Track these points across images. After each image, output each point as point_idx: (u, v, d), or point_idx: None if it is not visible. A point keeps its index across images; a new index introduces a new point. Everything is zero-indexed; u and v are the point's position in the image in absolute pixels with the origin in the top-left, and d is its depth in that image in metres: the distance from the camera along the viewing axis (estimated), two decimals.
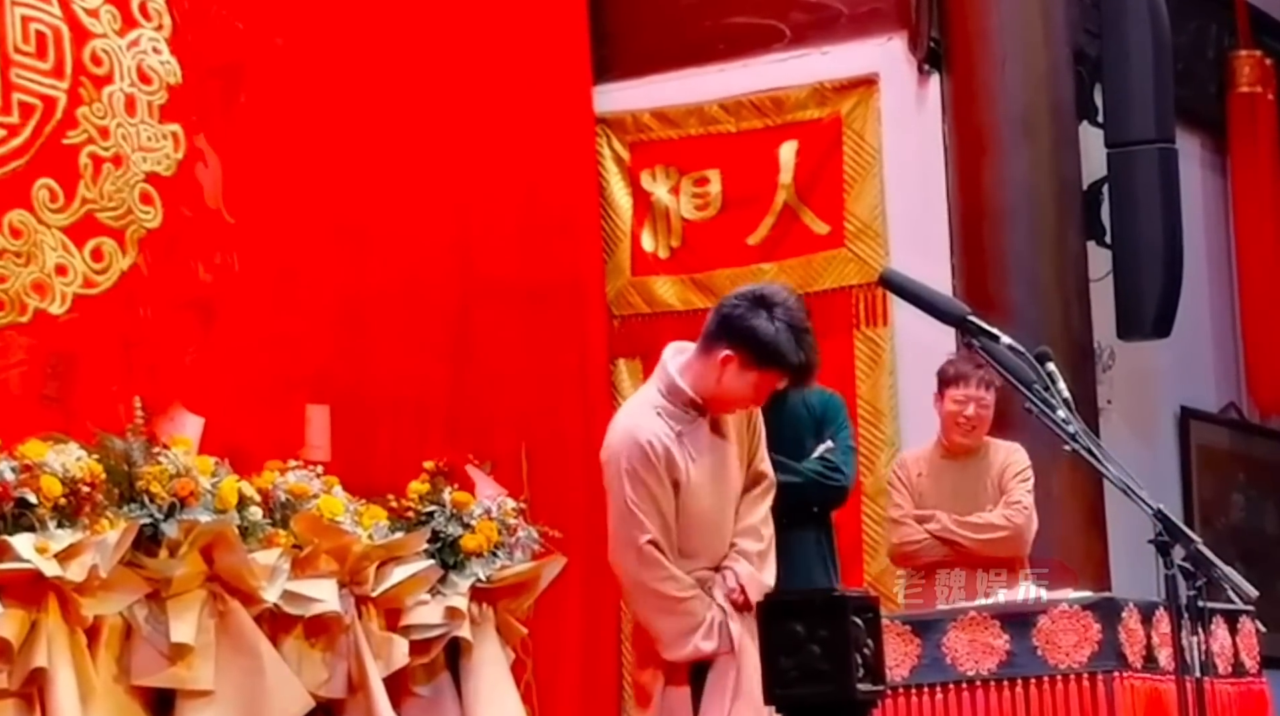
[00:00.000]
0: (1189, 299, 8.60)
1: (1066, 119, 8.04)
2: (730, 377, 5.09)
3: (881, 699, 3.04)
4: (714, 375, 5.12)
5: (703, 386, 5.14)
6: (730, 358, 5.09)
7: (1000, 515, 6.83)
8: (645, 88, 8.45)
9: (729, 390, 5.13)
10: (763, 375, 5.08)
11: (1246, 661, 5.34)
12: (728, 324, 5.13)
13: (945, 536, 6.84)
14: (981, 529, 6.83)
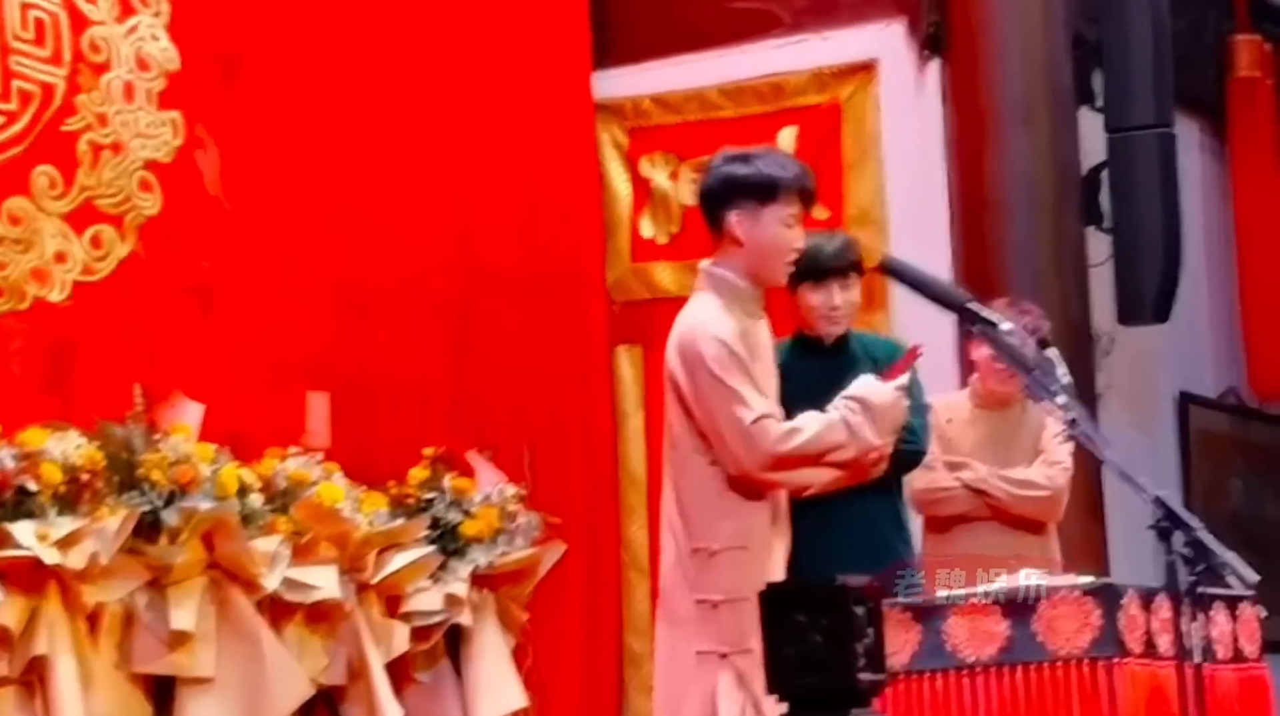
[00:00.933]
0: (1188, 284, 8.59)
1: (1066, 104, 8.04)
2: (749, 231, 5.04)
3: (883, 687, 3.05)
4: (734, 239, 5.07)
5: (739, 262, 5.07)
6: (738, 216, 5.06)
7: (1042, 473, 6.57)
8: (644, 73, 8.44)
9: (759, 246, 5.05)
10: (774, 208, 5.05)
11: (1247, 647, 5.34)
12: (715, 192, 5.12)
13: (980, 487, 6.55)
14: (1021, 485, 6.56)
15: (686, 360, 5.02)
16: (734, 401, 4.96)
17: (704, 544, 4.99)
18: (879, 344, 6.00)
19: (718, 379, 4.98)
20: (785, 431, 4.99)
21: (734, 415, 4.95)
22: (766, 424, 4.97)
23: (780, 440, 4.97)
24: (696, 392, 5.01)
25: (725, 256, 5.15)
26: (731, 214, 5.08)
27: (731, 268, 5.13)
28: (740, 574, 4.93)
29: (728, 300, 5.11)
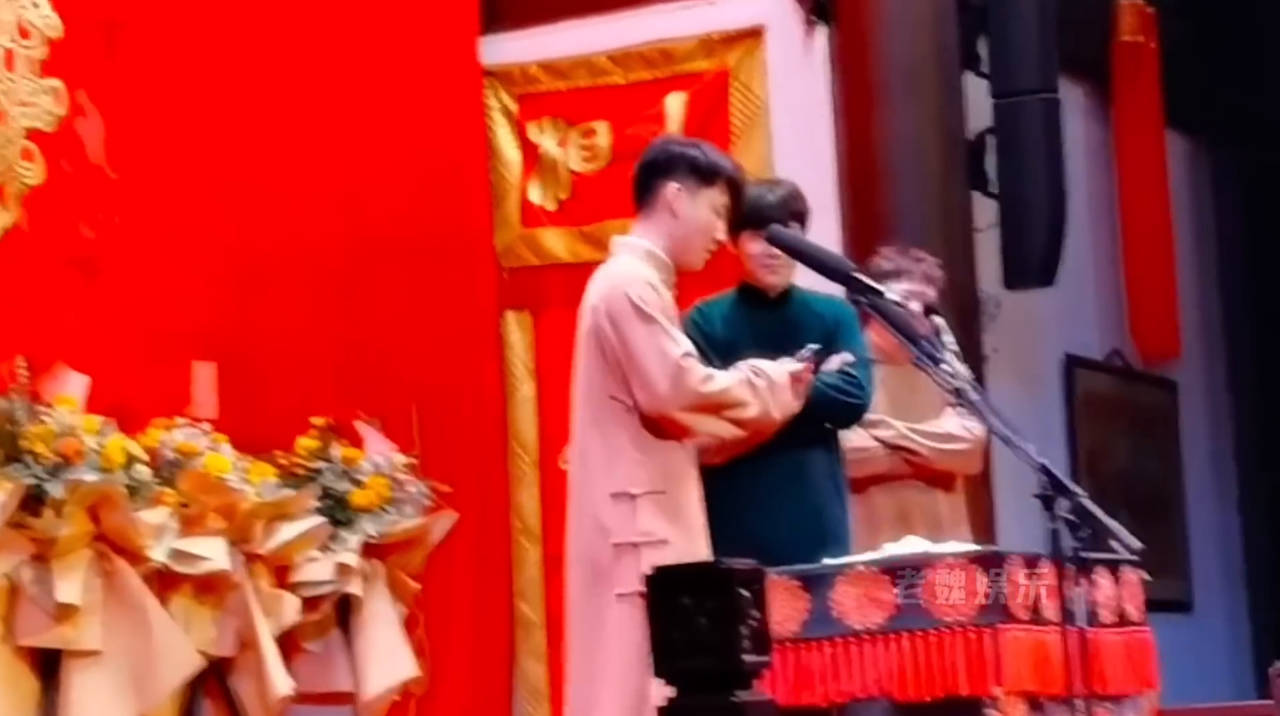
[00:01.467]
0: (1073, 247, 8.67)
1: (951, 70, 8.08)
2: (685, 207, 5.30)
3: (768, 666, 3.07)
4: (669, 215, 5.30)
5: (666, 235, 5.31)
6: (679, 189, 5.30)
7: (958, 424, 6.38)
8: (533, 39, 8.41)
9: (689, 223, 5.31)
10: (710, 192, 5.32)
11: (1130, 611, 5.39)
12: (660, 163, 5.36)
13: (899, 444, 6.38)
14: (941, 438, 6.40)
15: (613, 302, 5.19)
16: (663, 336, 5.15)
17: (623, 488, 5.14)
18: (822, 301, 5.96)
19: (647, 316, 5.17)
20: (706, 374, 5.20)
21: (664, 349, 5.14)
22: (693, 362, 5.17)
23: (702, 381, 5.17)
24: (622, 331, 5.17)
25: (650, 228, 5.35)
26: (672, 185, 5.31)
27: (655, 239, 5.33)
28: (659, 516, 5.11)
29: (649, 265, 5.26)
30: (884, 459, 6.38)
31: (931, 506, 6.39)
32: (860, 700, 4.97)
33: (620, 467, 5.17)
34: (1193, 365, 10.45)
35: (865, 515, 6.30)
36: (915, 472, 6.43)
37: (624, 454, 5.17)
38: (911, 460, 6.40)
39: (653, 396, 5.15)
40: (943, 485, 6.45)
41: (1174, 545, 10.19)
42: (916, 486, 6.41)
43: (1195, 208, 10.76)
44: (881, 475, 6.39)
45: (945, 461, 6.43)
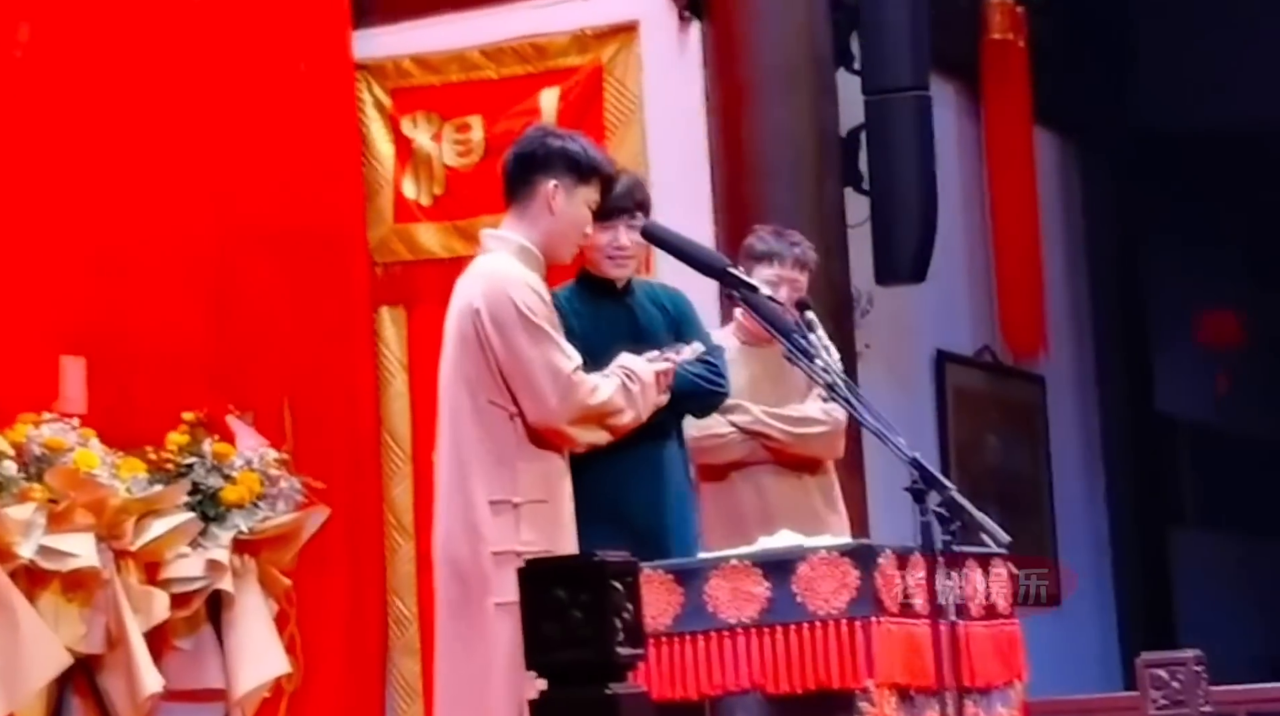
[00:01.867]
0: (944, 244, 8.73)
1: (824, 67, 8.12)
2: (562, 204, 5.25)
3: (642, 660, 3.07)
4: (546, 211, 5.25)
5: (540, 231, 5.25)
6: (556, 186, 5.24)
7: (819, 407, 6.22)
8: (406, 33, 8.38)
9: (565, 219, 5.26)
10: (586, 190, 5.28)
11: (1000, 603, 5.44)
12: (538, 158, 5.28)
13: (755, 429, 6.22)
14: (799, 422, 6.25)
15: (498, 309, 5.12)
16: (553, 349, 5.12)
17: (504, 497, 5.09)
18: (660, 291, 5.96)
19: (535, 326, 5.12)
20: (593, 386, 5.17)
21: (554, 363, 5.11)
22: (582, 376, 5.14)
23: (589, 393, 5.15)
24: (510, 342, 5.11)
25: (524, 222, 5.28)
26: (550, 182, 5.25)
27: (529, 235, 5.26)
28: (541, 526, 5.07)
29: (525, 263, 5.21)
30: (740, 445, 6.25)
31: (797, 493, 6.28)
32: (733, 694, 4.98)
33: (500, 475, 5.11)
34: (1061, 361, 10.56)
35: (727, 503, 6.24)
36: (775, 458, 6.28)
37: (504, 461, 5.12)
38: (769, 445, 6.26)
39: (543, 410, 5.11)
40: (807, 470, 6.33)
41: (1042, 539, 10.30)
42: (778, 472, 6.28)
43: (1064, 204, 10.87)
44: (741, 461, 6.27)
45: (802, 446, 6.28)
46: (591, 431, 5.21)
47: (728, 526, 6.14)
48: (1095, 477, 10.97)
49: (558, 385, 5.10)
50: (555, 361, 5.11)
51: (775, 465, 6.28)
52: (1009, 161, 9.89)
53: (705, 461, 6.29)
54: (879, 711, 4.88)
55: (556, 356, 5.12)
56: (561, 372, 5.11)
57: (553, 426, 5.13)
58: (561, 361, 5.12)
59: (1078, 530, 10.65)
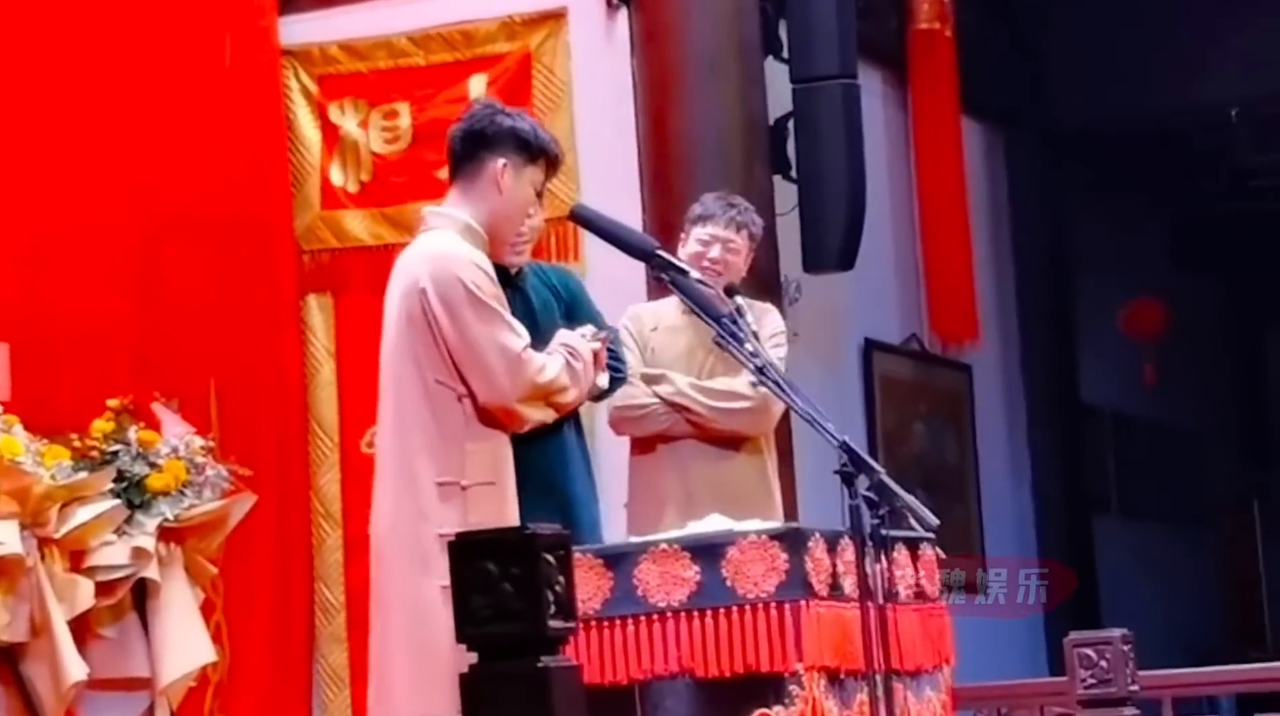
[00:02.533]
0: (872, 232, 8.76)
1: (752, 55, 8.13)
2: (510, 183, 5.19)
3: (573, 634, 3.06)
4: (494, 190, 5.19)
5: (486, 209, 5.19)
6: (505, 165, 5.19)
7: (745, 382, 6.02)
8: (332, 19, 8.34)
9: (513, 200, 5.21)
10: (532, 170, 5.22)
11: (928, 587, 5.45)
12: (488, 136, 5.21)
13: (677, 401, 6.07)
14: (723, 396, 6.09)
15: (446, 288, 5.06)
16: (502, 328, 5.08)
17: (452, 479, 5.04)
18: (554, 273, 5.94)
19: (484, 305, 5.07)
20: (541, 364, 5.14)
21: (504, 341, 5.07)
22: (531, 353, 5.11)
23: (538, 372, 5.12)
24: (459, 321, 5.06)
25: (469, 200, 5.22)
26: (499, 160, 5.19)
27: (474, 213, 5.20)
28: (488, 508, 5.02)
29: (470, 242, 5.17)
30: (663, 417, 6.10)
31: (722, 470, 6.16)
32: (662, 678, 4.98)
33: (447, 456, 5.06)
34: (988, 350, 10.60)
35: (649, 477, 6.15)
36: (700, 433, 6.13)
37: (452, 442, 5.06)
38: (691, 419, 6.12)
39: (494, 389, 5.06)
40: (734, 447, 6.20)
41: (969, 526, 10.34)
42: (702, 448, 6.15)
43: (990, 194, 10.92)
44: (667, 435, 6.12)
45: (726, 421, 6.12)
46: (540, 409, 5.18)
47: (650, 500, 6.10)
48: (1021, 466, 11.02)
49: (507, 363, 5.07)
50: (504, 340, 5.08)
51: (701, 441, 6.15)
52: (936, 151, 9.92)
53: (629, 432, 6.20)
54: (808, 694, 4.88)
55: (505, 335, 5.09)
56: (510, 351, 5.08)
57: (503, 405, 5.10)
58: (511, 339, 5.09)
59: (1003, 517, 10.69)
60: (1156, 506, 13.29)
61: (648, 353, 6.20)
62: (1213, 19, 10.85)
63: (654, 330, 6.26)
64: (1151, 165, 13.06)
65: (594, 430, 7.21)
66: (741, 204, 6.40)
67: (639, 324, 6.26)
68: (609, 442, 6.53)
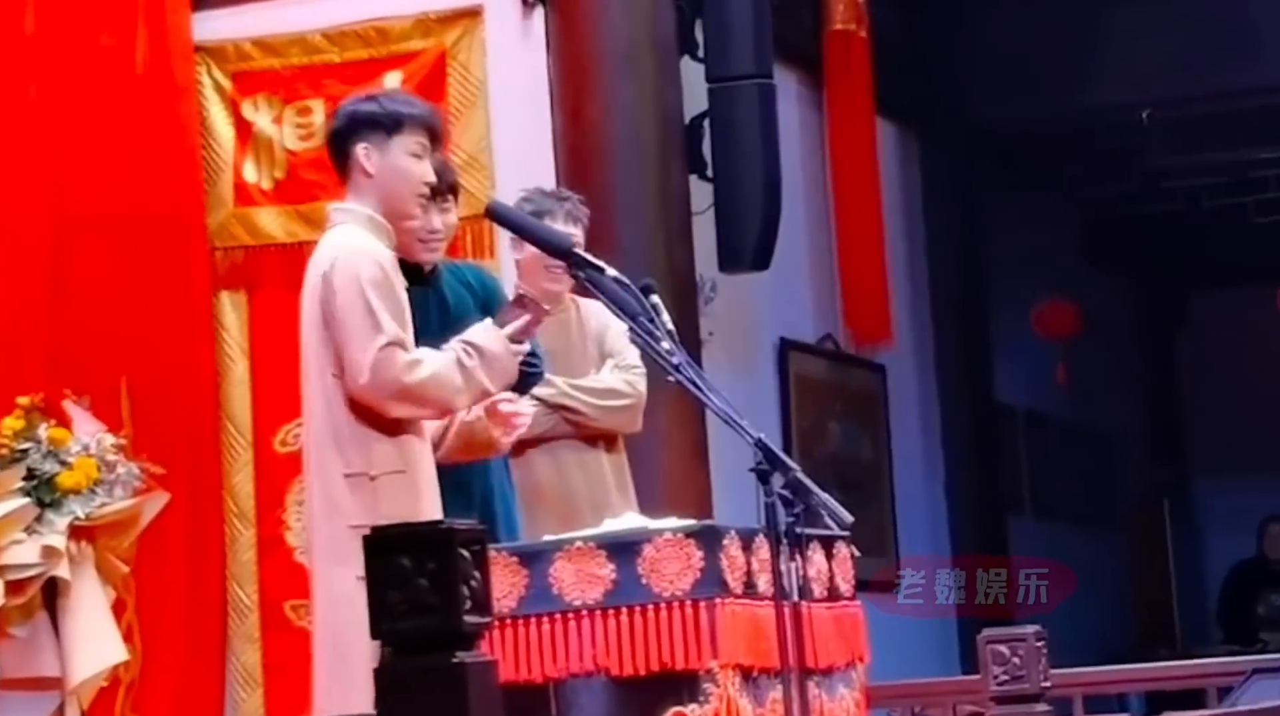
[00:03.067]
0: (788, 232, 8.78)
1: (668, 54, 8.13)
2: (378, 163, 5.16)
3: (489, 630, 3.05)
4: (364, 177, 5.18)
5: (371, 196, 5.17)
6: (365, 146, 5.17)
7: (620, 379, 6.10)
8: (246, 15, 8.29)
9: (386, 177, 5.17)
10: (400, 139, 5.17)
11: (842, 585, 5.47)
12: (343, 131, 5.22)
13: (559, 402, 6.05)
14: (603, 394, 6.11)
15: (340, 278, 5.05)
16: (371, 324, 5.02)
17: (361, 469, 5.05)
18: (469, 271, 5.93)
19: (364, 299, 5.03)
20: (409, 362, 5.05)
21: (367, 335, 5.02)
22: (393, 351, 5.03)
23: (405, 370, 5.04)
24: (337, 311, 5.04)
25: (356, 193, 5.22)
26: (359, 147, 5.18)
27: (365, 202, 5.20)
28: (400, 498, 5.01)
29: (364, 231, 5.16)
30: (544, 419, 6.04)
31: (595, 467, 6.15)
32: (577, 676, 4.98)
33: (355, 448, 5.06)
34: (903, 350, 10.65)
35: (525, 480, 6.06)
36: (576, 433, 6.13)
37: (358, 433, 5.06)
38: (573, 419, 6.13)
39: (355, 383, 5.04)
40: (605, 444, 6.20)
41: (883, 526, 10.38)
42: (576, 447, 6.14)
43: (905, 194, 10.97)
44: (542, 436, 6.08)
45: (607, 419, 6.14)
46: (409, 408, 5.09)
47: (528, 502, 6.04)
48: (935, 465, 11.07)
49: (367, 358, 5.01)
50: (368, 332, 5.02)
51: (575, 440, 6.14)
52: (851, 151, 9.95)
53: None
54: (723, 692, 4.89)
55: (369, 328, 5.02)
56: (371, 345, 5.02)
57: (366, 400, 5.07)
58: (373, 335, 5.03)
59: (917, 517, 10.74)
60: (1069, 506, 13.38)
61: None
62: (1126, 21, 10.93)
63: None
64: (1064, 166, 13.16)
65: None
66: (572, 195, 6.36)
67: None
68: None
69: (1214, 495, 15.06)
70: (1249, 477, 14.47)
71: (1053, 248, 13.34)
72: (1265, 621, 12.57)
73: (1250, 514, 13.59)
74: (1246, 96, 11.14)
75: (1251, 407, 14.64)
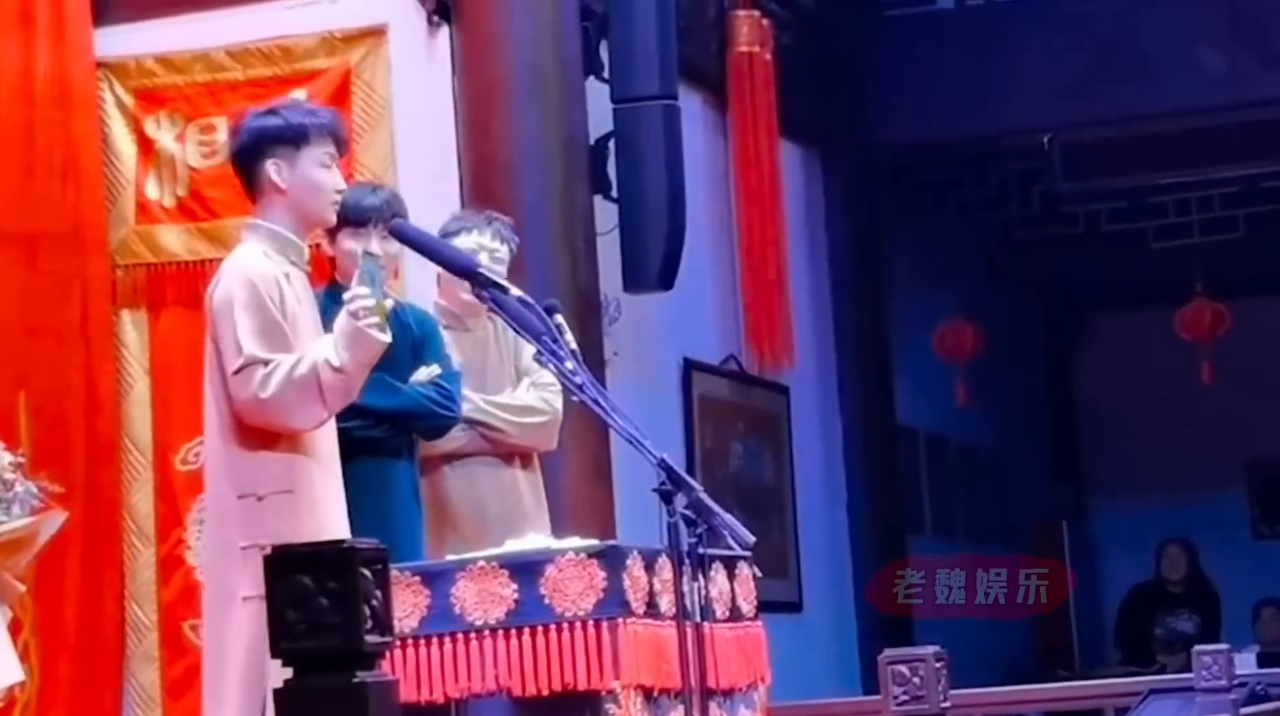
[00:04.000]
0: (692, 253, 8.81)
1: (574, 74, 8.15)
2: (289, 177, 5.13)
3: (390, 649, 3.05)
4: (276, 192, 5.15)
5: (283, 210, 5.15)
6: (274, 162, 5.14)
7: (537, 397, 6.10)
8: (149, 32, 8.24)
9: (299, 189, 5.14)
10: (308, 151, 5.15)
11: (744, 606, 5.50)
12: (248, 148, 5.19)
13: (476, 418, 6.03)
14: (521, 411, 6.10)
15: (219, 303, 5.05)
16: (234, 347, 5.01)
17: (250, 490, 5.04)
18: (410, 312, 6.00)
19: (232, 322, 5.02)
20: (264, 374, 5.03)
21: (230, 360, 5.02)
22: (252, 370, 5.01)
23: (261, 383, 5.01)
24: (215, 337, 5.05)
25: (268, 209, 5.21)
26: (268, 164, 5.16)
27: (275, 219, 5.20)
28: (289, 519, 4.97)
29: (271, 248, 5.15)
30: (459, 435, 6.03)
31: (509, 484, 6.14)
32: (480, 696, 4.98)
33: (243, 467, 5.06)
34: (806, 371, 10.69)
35: (437, 495, 6.06)
36: (491, 449, 6.11)
37: (245, 453, 5.06)
38: (489, 435, 6.11)
39: (233, 400, 5.05)
40: (520, 461, 6.20)
41: (785, 546, 10.41)
42: (491, 464, 6.13)
43: (808, 216, 11.01)
44: (455, 451, 6.08)
45: (525, 436, 6.14)
46: (278, 418, 5.03)
47: (437, 519, 6.04)
48: (836, 486, 11.12)
49: (232, 384, 5.02)
50: (231, 359, 5.01)
51: (489, 456, 6.14)
52: (755, 172, 9.99)
53: (424, 452, 6.10)
54: (625, 712, 4.91)
55: (233, 355, 5.01)
56: (232, 371, 5.02)
57: (244, 417, 5.05)
58: (235, 359, 5.02)
59: (819, 537, 10.78)
60: (968, 526, 13.46)
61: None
62: (1027, 46, 11.03)
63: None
64: (966, 188, 13.26)
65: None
66: (501, 217, 6.42)
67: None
68: None
69: (1112, 516, 15.19)
70: (1146, 499, 14.62)
71: (954, 269, 13.43)
72: (1162, 643, 12.68)
73: (1147, 535, 13.73)
74: (1146, 121, 11.26)
75: (1149, 430, 14.78)
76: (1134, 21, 10.89)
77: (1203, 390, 13.48)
